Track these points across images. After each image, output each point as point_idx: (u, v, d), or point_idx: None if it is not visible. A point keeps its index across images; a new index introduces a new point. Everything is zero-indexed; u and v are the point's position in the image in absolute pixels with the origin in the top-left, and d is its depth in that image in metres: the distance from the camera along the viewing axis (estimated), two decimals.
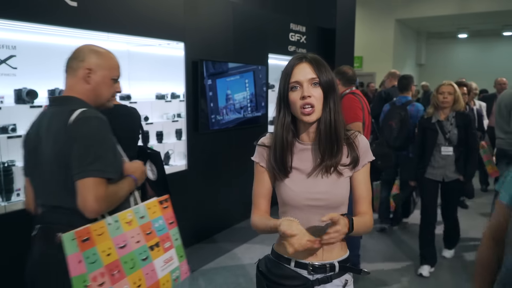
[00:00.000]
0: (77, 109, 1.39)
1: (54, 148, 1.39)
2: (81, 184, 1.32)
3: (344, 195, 1.34)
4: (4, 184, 2.61)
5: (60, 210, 1.41)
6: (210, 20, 4.03)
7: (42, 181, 1.45)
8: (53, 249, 1.33)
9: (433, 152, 3.28)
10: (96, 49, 1.54)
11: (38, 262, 1.43)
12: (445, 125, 3.25)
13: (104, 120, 1.43)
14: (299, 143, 1.34)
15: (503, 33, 13.56)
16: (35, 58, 2.90)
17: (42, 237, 1.43)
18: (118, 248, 1.39)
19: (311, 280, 1.32)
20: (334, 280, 1.34)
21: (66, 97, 1.49)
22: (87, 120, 1.38)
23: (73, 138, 1.35)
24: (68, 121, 1.36)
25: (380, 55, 11.46)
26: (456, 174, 3.26)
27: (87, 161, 1.33)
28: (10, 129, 2.70)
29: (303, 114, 1.26)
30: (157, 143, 3.80)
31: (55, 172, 1.40)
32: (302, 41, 5.56)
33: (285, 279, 1.33)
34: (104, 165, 1.37)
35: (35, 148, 1.46)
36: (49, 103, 1.55)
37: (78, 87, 1.50)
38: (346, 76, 3.19)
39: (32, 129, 1.52)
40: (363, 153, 1.34)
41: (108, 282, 1.33)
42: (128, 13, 3.17)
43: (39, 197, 1.49)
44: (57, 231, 1.31)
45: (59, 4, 2.68)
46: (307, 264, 1.32)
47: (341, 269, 1.35)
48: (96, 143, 1.37)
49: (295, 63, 1.28)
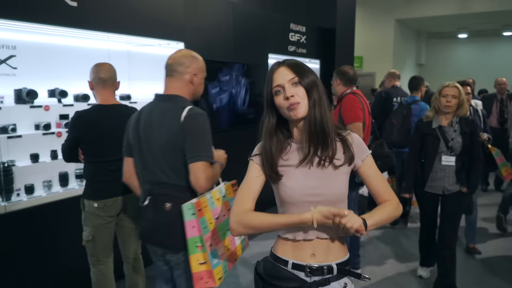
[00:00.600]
0: (186, 106, 1.77)
1: (168, 136, 1.75)
2: (195, 166, 1.70)
3: (341, 191, 1.34)
4: (4, 184, 2.61)
5: (167, 185, 1.78)
6: (210, 20, 4.03)
7: (152, 162, 1.80)
8: (161, 215, 1.76)
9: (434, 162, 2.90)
10: (195, 55, 1.90)
11: (151, 224, 1.81)
12: (447, 131, 2.87)
13: (206, 115, 1.81)
14: (294, 142, 1.37)
15: (503, 33, 13.55)
16: (35, 58, 2.90)
17: (153, 206, 1.79)
18: (215, 219, 1.77)
19: (309, 283, 1.32)
20: (332, 283, 1.32)
21: (175, 96, 1.83)
22: (196, 116, 1.75)
23: (186, 131, 1.72)
24: (180, 116, 1.73)
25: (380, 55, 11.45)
26: (457, 186, 2.90)
27: (198, 149, 1.72)
28: (10, 129, 2.70)
29: (289, 111, 1.29)
30: None
31: (166, 155, 1.76)
32: (302, 41, 5.56)
33: (282, 281, 1.33)
34: (210, 152, 1.77)
35: (147, 136, 1.81)
36: (156, 98, 1.88)
37: (185, 88, 1.85)
38: (346, 76, 3.18)
39: (142, 120, 1.85)
40: (358, 148, 1.37)
41: (214, 244, 1.73)
42: (128, 13, 3.17)
43: (147, 175, 1.83)
44: (164, 201, 1.75)
45: (59, 4, 2.68)
46: (304, 266, 1.32)
47: (339, 272, 1.34)
48: (203, 135, 1.75)
49: (274, 68, 1.34)
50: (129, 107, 2.50)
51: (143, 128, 1.83)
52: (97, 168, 2.34)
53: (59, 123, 3.02)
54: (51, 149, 2.95)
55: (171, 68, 1.85)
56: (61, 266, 2.81)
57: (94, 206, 2.32)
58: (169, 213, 1.74)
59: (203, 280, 1.69)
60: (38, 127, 2.91)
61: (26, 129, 2.88)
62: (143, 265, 2.63)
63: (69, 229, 2.75)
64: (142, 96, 3.70)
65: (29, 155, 2.86)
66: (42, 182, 2.90)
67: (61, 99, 2.96)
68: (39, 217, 2.70)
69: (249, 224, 1.29)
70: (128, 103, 3.28)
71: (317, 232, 1.32)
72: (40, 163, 2.88)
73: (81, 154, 2.36)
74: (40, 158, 2.89)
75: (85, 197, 2.36)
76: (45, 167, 2.92)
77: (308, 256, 1.33)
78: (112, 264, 2.49)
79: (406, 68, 12.87)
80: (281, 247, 1.37)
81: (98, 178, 2.35)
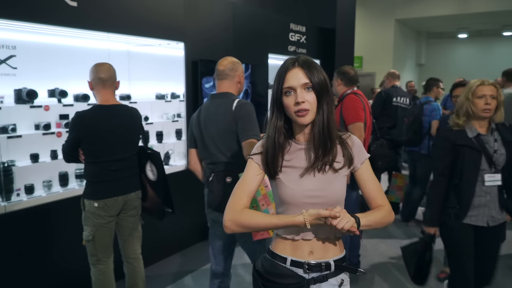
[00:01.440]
0: (235, 99, 2.24)
1: (224, 124, 2.20)
2: (246, 143, 2.14)
3: (340, 192, 1.36)
4: (4, 184, 2.60)
5: (226, 164, 2.22)
6: (210, 20, 4.03)
7: (213, 146, 2.24)
8: (224, 187, 2.18)
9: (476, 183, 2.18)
10: (238, 61, 2.36)
11: (216, 194, 2.23)
12: (488, 141, 2.19)
13: (251, 104, 2.26)
14: (295, 143, 1.37)
15: (503, 33, 13.55)
16: (35, 58, 2.90)
17: (216, 180, 2.22)
18: (265, 187, 2.16)
19: (307, 279, 1.34)
20: (330, 279, 1.35)
21: (226, 93, 2.30)
22: (244, 105, 2.21)
23: (237, 117, 2.18)
24: (232, 106, 2.20)
25: (380, 55, 11.45)
26: (504, 214, 2.25)
27: (248, 129, 2.16)
28: (10, 129, 2.70)
29: (298, 117, 1.29)
30: (157, 143, 3.80)
31: (224, 139, 2.22)
32: (302, 41, 5.56)
33: (281, 277, 1.34)
34: (257, 131, 2.18)
35: (207, 127, 2.26)
36: (211, 97, 2.35)
37: (234, 87, 2.33)
38: (347, 76, 3.18)
39: (200, 115, 2.31)
40: (357, 151, 1.38)
41: (265, 204, 2.16)
42: (128, 13, 3.17)
43: (209, 158, 2.27)
44: (225, 176, 2.19)
45: (59, 4, 2.68)
46: (302, 262, 1.34)
47: (336, 268, 1.36)
48: (251, 119, 2.19)
49: (288, 67, 1.30)
50: (129, 107, 2.50)
51: (203, 122, 2.28)
52: (98, 168, 2.34)
53: (59, 123, 3.02)
54: (51, 149, 2.94)
55: (223, 73, 2.30)
56: (61, 266, 2.81)
57: (95, 205, 2.32)
58: (230, 184, 2.14)
59: (260, 233, 2.20)
60: (38, 127, 2.91)
61: (26, 129, 2.88)
62: (143, 265, 2.63)
63: (69, 229, 2.75)
64: (142, 96, 3.70)
65: (29, 155, 2.86)
66: (42, 182, 2.90)
67: (61, 99, 2.96)
68: (39, 217, 2.69)
69: (243, 223, 1.30)
70: (128, 103, 3.29)
71: (314, 232, 1.34)
72: (40, 163, 2.88)
73: (82, 154, 2.36)
74: (40, 158, 2.89)
75: (85, 197, 2.36)
76: (45, 167, 2.92)
77: (306, 254, 1.35)
78: (112, 264, 2.49)
79: (406, 68, 12.87)
80: (280, 246, 1.39)
81: (98, 178, 2.35)
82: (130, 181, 2.46)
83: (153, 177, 2.48)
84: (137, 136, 2.52)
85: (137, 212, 2.53)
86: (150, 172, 2.49)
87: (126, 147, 2.42)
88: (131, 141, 2.47)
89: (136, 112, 2.53)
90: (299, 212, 1.29)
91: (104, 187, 2.34)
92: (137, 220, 2.55)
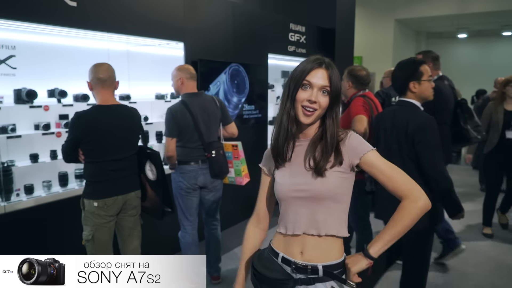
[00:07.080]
0: (214, 97, 3.05)
1: (214, 115, 2.98)
2: (231, 125, 3.11)
3: (328, 189, 1.29)
4: (3, 184, 2.60)
5: (218, 142, 3.02)
6: (210, 20, 4.03)
7: (208, 132, 2.94)
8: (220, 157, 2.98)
9: None
10: None
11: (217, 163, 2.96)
12: None
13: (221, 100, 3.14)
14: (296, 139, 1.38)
15: (502, 33, 13.54)
16: (35, 58, 2.90)
17: (218, 154, 2.95)
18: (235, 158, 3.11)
19: (294, 279, 1.33)
20: (317, 284, 1.30)
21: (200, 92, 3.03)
22: (222, 101, 3.11)
23: (221, 109, 3.04)
24: (216, 102, 3.02)
25: (380, 55, 11.44)
26: None
27: (229, 116, 3.12)
28: (10, 129, 2.70)
29: (303, 114, 1.29)
30: (157, 143, 3.80)
31: (215, 125, 3.00)
32: (302, 41, 5.56)
33: (271, 271, 1.35)
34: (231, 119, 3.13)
35: (203, 119, 2.91)
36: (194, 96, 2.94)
37: None
38: (358, 78, 3.10)
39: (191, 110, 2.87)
40: (354, 148, 1.30)
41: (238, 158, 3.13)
42: (128, 13, 3.17)
43: (208, 139, 2.93)
44: (220, 149, 2.98)
45: (59, 4, 2.68)
46: (291, 261, 1.34)
47: (325, 274, 1.30)
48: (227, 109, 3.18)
49: (313, 65, 1.29)
50: (128, 107, 2.50)
51: (200, 115, 2.89)
52: (97, 168, 2.34)
53: (58, 123, 3.02)
54: (51, 149, 2.94)
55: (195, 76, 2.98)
56: None
57: (94, 205, 2.32)
58: (224, 155, 3.04)
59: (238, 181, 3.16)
60: (37, 127, 2.91)
61: (25, 129, 2.88)
62: None
63: (69, 229, 2.75)
64: (141, 96, 3.70)
65: (29, 155, 2.86)
66: (42, 182, 2.90)
67: (60, 99, 2.96)
68: (39, 217, 2.69)
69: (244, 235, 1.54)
70: (128, 103, 3.28)
71: (304, 228, 1.32)
72: (39, 163, 2.88)
73: (81, 154, 2.36)
74: (39, 158, 2.89)
75: (85, 197, 2.36)
76: (45, 167, 2.92)
77: (297, 253, 1.33)
78: None
79: None
80: (276, 240, 1.42)
81: (98, 177, 2.35)
82: (129, 181, 2.46)
83: (152, 176, 2.48)
84: (136, 136, 2.52)
85: (137, 211, 2.53)
86: (149, 172, 2.49)
87: (125, 147, 2.42)
88: (130, 141, 2.47)
89: (136, 112, 2.53)
90: (288, 207, 1.34)
91: (104, 186, 2.34)
92: (136, 220, 2.55)
